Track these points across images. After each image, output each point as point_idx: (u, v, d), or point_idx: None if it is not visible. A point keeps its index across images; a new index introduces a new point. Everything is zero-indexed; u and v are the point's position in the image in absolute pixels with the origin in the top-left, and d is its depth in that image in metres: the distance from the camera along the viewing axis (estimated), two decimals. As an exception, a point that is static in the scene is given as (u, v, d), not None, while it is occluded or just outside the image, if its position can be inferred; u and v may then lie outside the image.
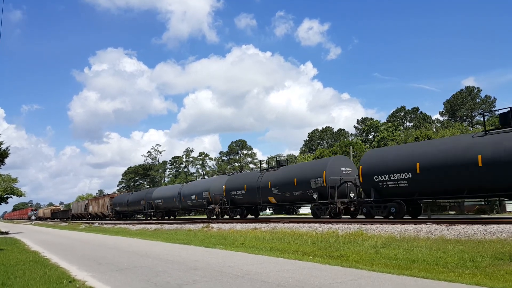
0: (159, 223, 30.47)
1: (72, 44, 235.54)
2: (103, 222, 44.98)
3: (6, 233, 35.29)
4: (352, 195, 20.94)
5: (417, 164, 16.33)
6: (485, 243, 10.56)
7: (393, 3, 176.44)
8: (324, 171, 21.06)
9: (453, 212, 36.23)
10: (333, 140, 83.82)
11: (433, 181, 15.88)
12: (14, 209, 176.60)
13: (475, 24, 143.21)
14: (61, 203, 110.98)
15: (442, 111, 77.00)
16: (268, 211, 47.85)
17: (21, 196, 41.12)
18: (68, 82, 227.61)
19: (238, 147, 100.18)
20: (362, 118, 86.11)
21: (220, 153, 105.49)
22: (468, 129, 57.62)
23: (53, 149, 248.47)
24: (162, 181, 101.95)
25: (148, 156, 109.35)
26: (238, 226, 21.11)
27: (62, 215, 76.75)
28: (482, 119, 26.32)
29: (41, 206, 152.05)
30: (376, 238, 13.11)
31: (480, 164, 14.34)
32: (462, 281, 7.18)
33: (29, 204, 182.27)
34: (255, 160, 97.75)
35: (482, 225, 12.40)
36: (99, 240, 21.28)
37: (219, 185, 30.21)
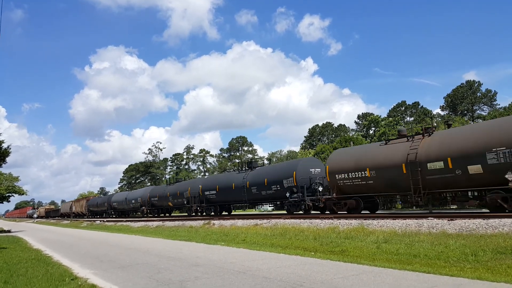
0: (160, 220, 30.54)
1: (73, 42, 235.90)
2: (105, 219, 45.13)
3: (9, 231, 35.38)
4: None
5: (217, 186, 29.88)
6: (486, 237, 10.55)
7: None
8: (189, 188, 33.50)
9: (454, 207, 36.21)
10: (333, 135, 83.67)
11: (223, 195, 29.44)
12: (16, 208, 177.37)
13: (476, 19, 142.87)
14: (62, 201, 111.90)
15: (443, 105, 76.84)
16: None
17: (22, 194, 41.31)
18: (69, 81, 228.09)
19: (238, 144, 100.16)
20: (362, 113, 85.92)
21: (221, 149, 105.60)
22: (468, 123, 57.47)
23: (54, 148, 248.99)
24: (163, 178, 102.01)
25: (149, 154, 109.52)
26: (239, 222, 21.14)
27: (53, 214, 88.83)
28: (483, 113, 26.49)
29: (43, 204, 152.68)
30: (377, 233, 13.11)
31: (233, 188, 27.75)
32: (463, 275, 7.17)
33: (31, 203, 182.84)
34: (256, 157, 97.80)
35: (484, 219, 12.38)
36: (101, 238, 21.33)
37: (147, 193, 43.26)
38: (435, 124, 31.57)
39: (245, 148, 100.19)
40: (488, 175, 13.99)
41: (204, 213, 32.20)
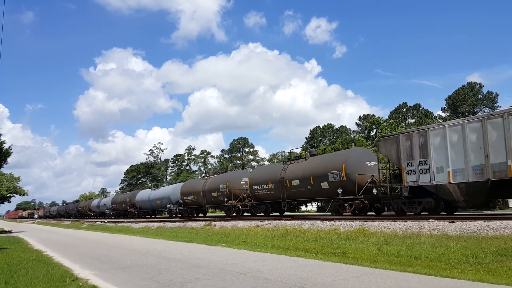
0: (161, 221, 30.52)
1: (80, 44, 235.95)
2: (106, 220, 45.11)
3: (10, 232, 35.41)
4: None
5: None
6: (487, 239, 10.53)
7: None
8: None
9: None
10: (334, 137, 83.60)
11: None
12: (17, 208, 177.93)
13: (479, 21, 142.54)
14: (63, 202, 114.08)
15: (444, 107, 76.78)
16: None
17: (23, 195, 41.45)
18: (73, 82, 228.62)
19: (240, 145, 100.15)
20: (364, 114, 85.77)
21: (222, 151, 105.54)
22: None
23: (57, 148, 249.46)
24: (164, 179, 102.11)
25: (150, 154, 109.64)
26: (240, 223, 21.12)
27: (31, 216, 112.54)
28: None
29: (44, 205, 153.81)
30: (378, 235, 13.09)
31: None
32: (465, 277, 7.16)
33: (32, 203, 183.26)
34: (257, 158, 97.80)
35: (485, 221, 12.36)
36: (102, 239, 21.34)
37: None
38: None
39: (246, 149, 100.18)
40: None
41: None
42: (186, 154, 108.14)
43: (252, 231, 17.97)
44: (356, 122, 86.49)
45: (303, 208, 49.60)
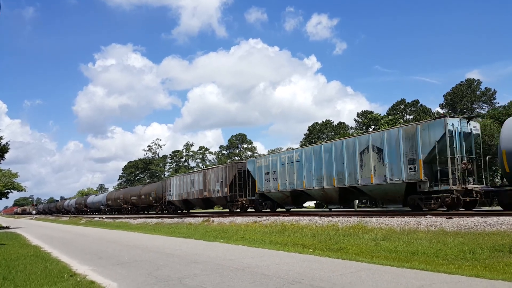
0: (159, 217, 30.55)
1: (81, 40, 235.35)
2: (104, 216, 45.18)
3: (7, 227, 35.38)
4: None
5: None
6: (484, 235, 10.58)
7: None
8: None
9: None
10: (333, 133, 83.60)
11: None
12: (15, 204, 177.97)
13: (479, 21, 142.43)
14: (62, 198, 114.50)
15: (442, 103, 76.83)
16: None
17: (21, 191, 41.29)
18: (72, 78, 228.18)
19: (238, 141, 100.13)
20: (362, 111, 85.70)
21: (220, 147, 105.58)
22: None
23: (56, 144, 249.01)
24: (163, 175, 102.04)
25: (148, 151, 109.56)
26: (239, 219, 21.15)
27: (24, 212, 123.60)
28: (482, 111, 26.51)
29: (42, 201, 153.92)
30: (376, 230, 13.14)
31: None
32: (461, 273, 7.19)
33: (30, 199, 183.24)
34: (255, 154, 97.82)
35: (482, 217, 12.41)
36: (100, 234, 21.34)
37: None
38: None
39: (245, 146, 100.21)
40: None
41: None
42: (184, 150, 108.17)
43: (250, 227, 18.01)
44: (355, 119, 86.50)
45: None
